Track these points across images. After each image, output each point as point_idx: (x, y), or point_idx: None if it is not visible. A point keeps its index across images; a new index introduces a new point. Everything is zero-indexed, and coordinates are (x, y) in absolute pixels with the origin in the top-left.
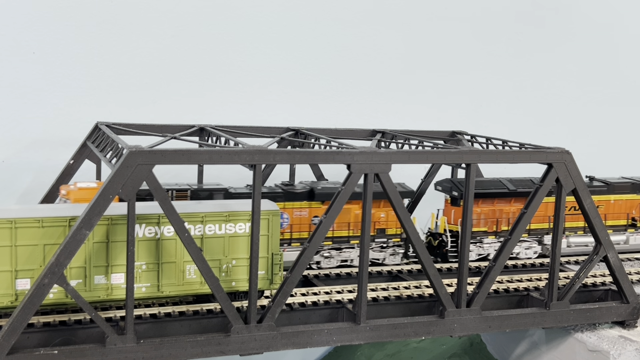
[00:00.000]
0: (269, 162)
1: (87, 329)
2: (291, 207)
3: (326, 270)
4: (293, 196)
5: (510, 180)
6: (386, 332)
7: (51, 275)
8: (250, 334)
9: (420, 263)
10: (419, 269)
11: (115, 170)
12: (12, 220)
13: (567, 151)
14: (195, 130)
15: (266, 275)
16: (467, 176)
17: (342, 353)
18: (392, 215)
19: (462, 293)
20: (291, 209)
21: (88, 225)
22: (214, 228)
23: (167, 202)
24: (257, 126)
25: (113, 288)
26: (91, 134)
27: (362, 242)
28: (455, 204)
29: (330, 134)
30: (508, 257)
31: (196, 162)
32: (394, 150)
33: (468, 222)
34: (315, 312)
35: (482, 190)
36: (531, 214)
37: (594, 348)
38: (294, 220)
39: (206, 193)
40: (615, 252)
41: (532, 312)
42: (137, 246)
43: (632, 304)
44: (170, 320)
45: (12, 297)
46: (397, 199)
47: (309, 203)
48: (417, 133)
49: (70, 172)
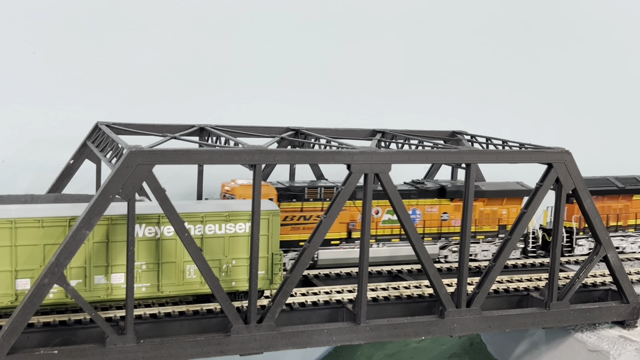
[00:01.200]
0: (269, 162)
1: (87, 329)
2: (423, 204)
3: (326, 270)
4: (425, 194)
5: (617, 179)
6: (386, 332)
7: (51, 275)
8: (250, 334)
9: (420, 263)
10: (419, 269)
11: (115, 170)
12: (12, 220)
13: (567, 151)
14: (195, 130)
15: (266, 275)
16: (467, 176)
17: (342, 353)
18: (512, 213)
19: (462, 293)
20: (423, 206)
21: (88, 225)
22: (214, 228)
23: (167, 202)
24: (257, 126)
25: (113, 288)
26: (91, 134)
27: (362, 242)
28: (568, 201)
29: (330, 134)
30: (508, 257)
31: (196, 162)
32: (394, 150)
33: (468, 222)
34: (315, 312)
35: (594, 188)
36: (531, 214)
37: (594, 348)
38: (425, 216)
39: None
40: (615, 252)
41: (532, 312)
42: (137, 246)
43: (632, 304)
44: (170, 320)
45: (12, 297)
46: (397, 199)
47: (439, 200)
48: (417, 133)
49: (70, 172)
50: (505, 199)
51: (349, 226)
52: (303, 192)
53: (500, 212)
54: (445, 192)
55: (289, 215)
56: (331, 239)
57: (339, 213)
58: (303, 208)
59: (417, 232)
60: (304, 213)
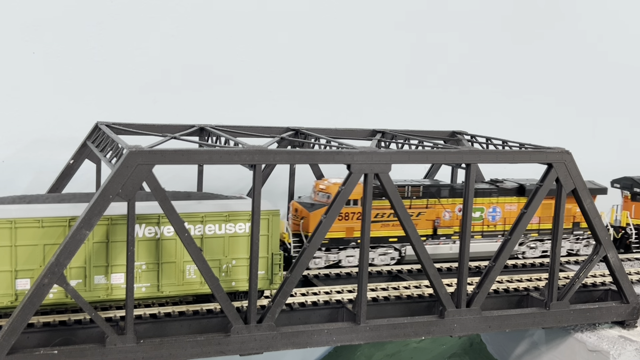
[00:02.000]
0: (269, 162)
1: (87, 329)
2: (503, 202)
3: (326, 270)
4: (505, 192)
5: None
6: (386, 332)
7: (51, 275)
8: (250, 334)
9: (420, 263)
10: (419, 269)
11: (115, 170)
12: (12, 220)
13: (567, 151)
14: (195, 130)
15: (266, 275)
16: (467, 176)
17: (342, 353)
18: None
19: (462, 293)
20: (503, 204)
21: (88, 225)
22: (214, 228)
23: (167, 202)
24: (257, 126)
25: (113, 288)
26: (91, 134)
27: (362, 242)
28: (636, 200)
29: (330, 134)
30: (508, 257)
31: (196, 162)
32: (394, 150)
33: (468, 222)
34: (315, 312)
35: None
36: (531, 214)
37: (594, 348)
38: (505, 214)
39: (434, 189)
40: (616, 252)
41: (532, 312)
42: (137, 246)
43: (632, 304)
44: (170, 320)
45: (12, 297)
46: (397, 199)
47: (518, 198)
48: (417, 133)
49: (70, 172)
50: None
51: (435, 223)
52: None
53: (575, 210)
54: (525, 190)
55: (379, 212)
56: None
57: (338, 213)
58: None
59: (417, 232)
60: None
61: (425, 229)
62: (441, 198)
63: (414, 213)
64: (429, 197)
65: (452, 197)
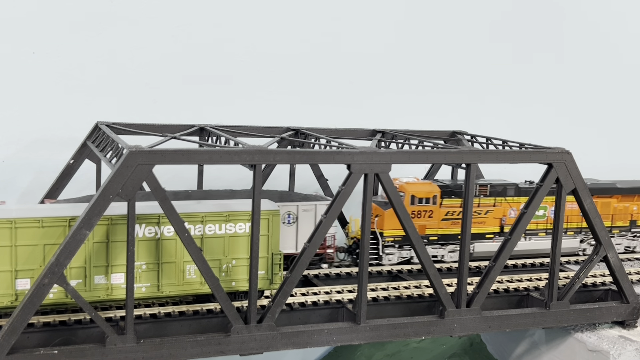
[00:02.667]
0: (269, 162)
1: (87, 329)
2: None
3: (326, 270)
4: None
5: None
6: (386, 332)
7: (51, 275)
8: (250, 334)
9: (420, 263)
10: (419, 269)
11: (116, 170)
12: (12, 220)
13: (567, 151)
14: (195, 130)
15: (266, 275)
16: (467, 176)
17: (342, 353)
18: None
19: (462, 293)
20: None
21: (88, 225)
22: (214, 228)
23: (167, 202)
24: (257, 126)
25: (113, 288)
26: (91, 134)
27: (362, 242)
28: None
29: (330, 134)
30: (508, 257)
31: (196, 162)
32: (394, 150)
33: (468, 222)
34: (315, 312)
35: None
36: (531, 214)
37: (594, 348)
38: (567, 212)
39: (501, 187)
40: (616, 252)
41: (532, 312)
42: (137, 246)
43: (632, 304)
44: (170, 320)
45: (12, 297)
46: (397, 199)
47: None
48: (417, 133)
49: (70, 172)
50: (636, 195)
51: (502, 221)
52: (462, 189)
53: (632, 208)
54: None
55: (450, 210)
56: (486, 232)
57: (338, 213)
58: (462, 204)
59: (418, 232)
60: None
61: (493, 226)
62: (507, 197)
63: (482, 211)
64: (496, 195)
65: (517, 196)
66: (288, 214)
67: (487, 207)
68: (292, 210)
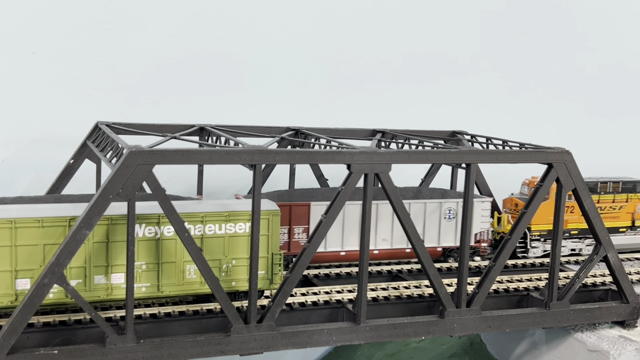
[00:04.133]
0: (269, 162)
1: (87, 329)
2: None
3: (326, 270)
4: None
5: None
6: (386, 332)
7: (51, 275)
8: (250, 333)
9: (420, 263)
10: (419, 269)
11: (115, 170)
12: (12, 220)
13: (567, 151)
14: (195, 130)
15: (266, 275)
16: (467, 176)
17: (342, 353)
18: None
19: (462, 293)
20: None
21: (88, 225)
22: (214, 228)
23: (167, 202)
24: (257, 126)
25: (113, 288)
26: (91, 134)
27: (362, 242)
28: None
29: (330, 133)
30: (508, 257)
31: (196, 162)
32: (394, 150)
33: (468, 222)
34: (315, 312)
35: None
36: (531, 213)
37: (594, 348)
38: None
39: (631, 184)
40: (616, 252)
41: (532, 312)
42: (137, 246)
43: (632, 304)
44: (170, 320)
45: (12, 297)
46: (397, 199)
47: None
48: (417, 133)
49: (70, 172)
50: None
51: (633, 215)
52: (596, 186)
53: None
54: None
55: None
56: (620, 226)
57: (338, 213)
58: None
59: (417, 232)
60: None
61: (625, 221)
62: (637, 193)
63: (617, 206)
64: (628, 192)
65: None
66: (449, 209)
67: (621, 203)
68: (452, 207)
